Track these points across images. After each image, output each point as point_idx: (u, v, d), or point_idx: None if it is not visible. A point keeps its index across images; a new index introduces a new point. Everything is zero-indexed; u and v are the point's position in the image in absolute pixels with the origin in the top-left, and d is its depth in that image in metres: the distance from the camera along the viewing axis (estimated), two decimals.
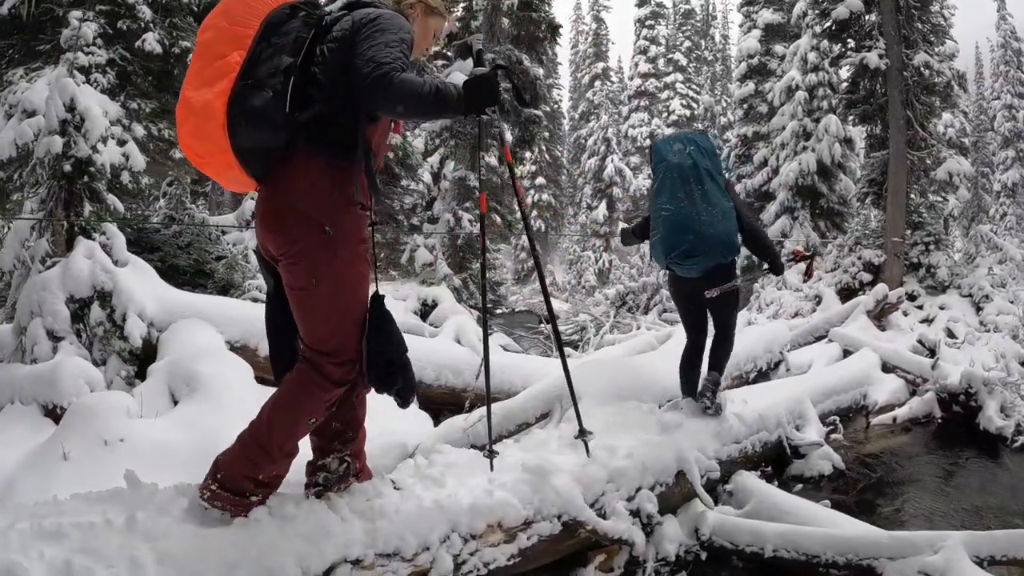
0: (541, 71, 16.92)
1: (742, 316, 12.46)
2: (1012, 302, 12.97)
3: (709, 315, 5.19)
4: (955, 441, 6.71)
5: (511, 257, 46.49)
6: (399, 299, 12.16)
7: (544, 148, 47.62)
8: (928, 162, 15.50)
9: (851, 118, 16.85)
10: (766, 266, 5.17)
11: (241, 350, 5.84)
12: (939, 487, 5.72)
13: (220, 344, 5.76)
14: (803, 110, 20.27)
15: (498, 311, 21.79)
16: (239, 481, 2.72)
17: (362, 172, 2.78)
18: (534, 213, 46.00)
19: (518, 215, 12.07)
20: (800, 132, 20.16)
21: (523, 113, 14.66)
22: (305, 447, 3.04)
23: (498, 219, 19.30)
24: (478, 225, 14.83)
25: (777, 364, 8.04)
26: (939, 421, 7.17)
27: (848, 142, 20.39)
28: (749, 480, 4.80)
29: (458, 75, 11.39)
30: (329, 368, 2.76)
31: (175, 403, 5.13)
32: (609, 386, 5.15)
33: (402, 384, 2.90)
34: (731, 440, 5.06)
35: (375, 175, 2.86)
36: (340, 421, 3.00)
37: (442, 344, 7.47)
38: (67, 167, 6.67)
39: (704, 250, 4.73)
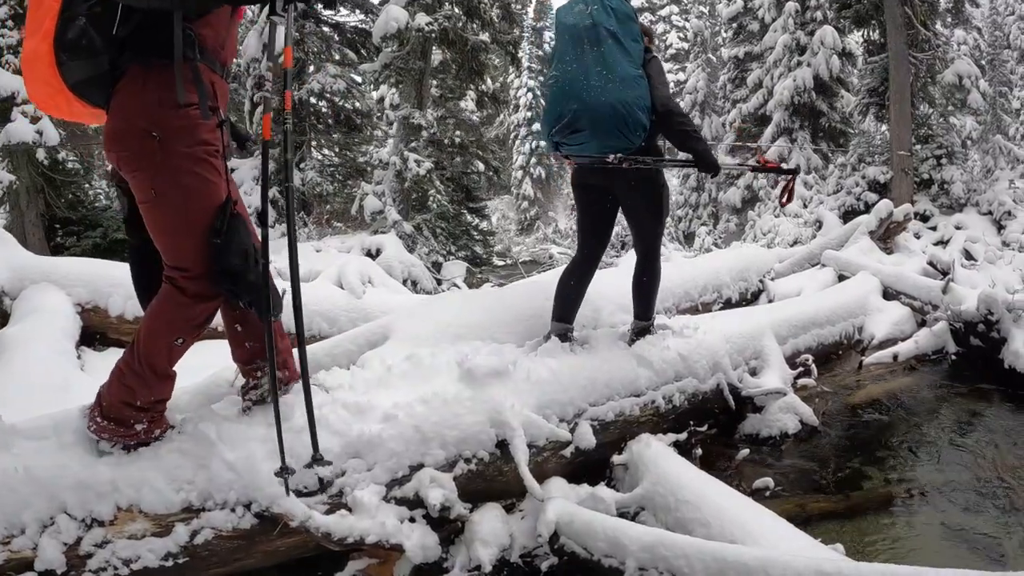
0: None
1: None
2: None
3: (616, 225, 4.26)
4: (974, 383, 5.41)
5: (513, 207, 45.56)
6: (343, 251, 11.41)
7: (538, 94, 46.47)
8: (934, 65, 14.06)
9: (845, 21, 15.44)
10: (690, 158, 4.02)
11: (92, 311, 5.78)
12: (952, 446, 4.39)
13: (63, 307, 5.68)
14: (795, 22, 18.95)
15: (496, 262, 20.67)
16: (119, 409, 2.73)
17: (186, 68, 2.62)
18: (532, 160, 44.97)
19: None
20: (793, 46, 18.89)
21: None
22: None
23: (481, 166, 18.45)
24: (423, 167, 14.91)
25: (756, 295, 6.85)
26: (953, 358, 5.86)
27: (848, 56, 19.08)
28: (647, 450, 3.60)
29: None
30: (183, 282, 2.73)
31: None
32: (442, 324, 3.95)
33: (250, 297, 2.74)
34: (624, 392, 3.85)
35: (216, 71, 2.77)
36: (254, 340, 2.98)
37: (319, 289, 6.65)
38: None
39: (592, 122, 3.76)
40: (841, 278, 7.20)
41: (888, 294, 6.67)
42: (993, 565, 3.15)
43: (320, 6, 2.92)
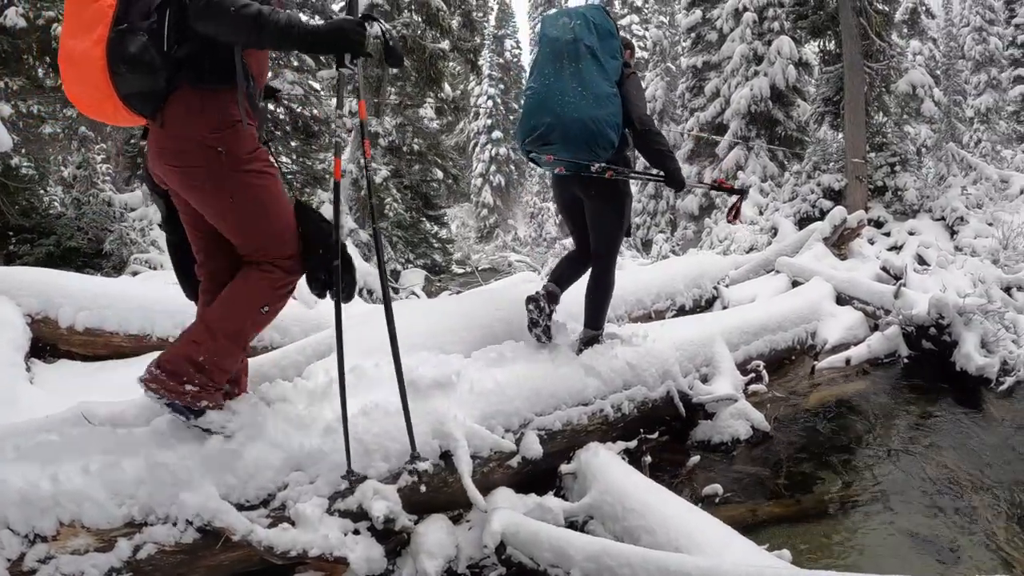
0: (443, 4, 16.22)
1: None
2: (991, 224, 11.67)
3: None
4: (926, 387, 5.44)
5: (473, 215, 45.46)
6: None
7: (500, 101, 46.51)
8: (888, 75, 14.24)
9: (802, 32, 15.58)
10: (661, 174, 4.20)
11: (43, 322, 5.43)
12: (904, 449, 4.40)
13: (12, 317, 5.32)
14: (752, 32, 19.11)
15: (455, 269, 20.61)
16: (177, 362, 2.79)
17: (244, 94, 2.82)
18: (492, 168, 44.94)
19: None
20: (751, 56, 19.04)
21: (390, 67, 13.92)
22: None
23: (439, 174, 18.31)
24: (380, 175, 14.79)
25: (711, 302, 6.74)
26: (905, 361, 5.90)
27: (805, 65, 19.26)
28: (595, 459, 3.56)
29: None
30: (274, 272, 2.91)
31: None
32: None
33: (347, 279, 2.99)
34: (572, 401, 3.82)
35: (256, 97, 2.96)
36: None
37: None
38: None
39: (562, 137, 3.88)
40: (795, 284, 7.21)
41: (841, 299, 6.69)
42: (946, 566, 3.16)
43: (385, 59, 3.05)
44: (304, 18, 2.91)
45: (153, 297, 5.30)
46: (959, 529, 3.45)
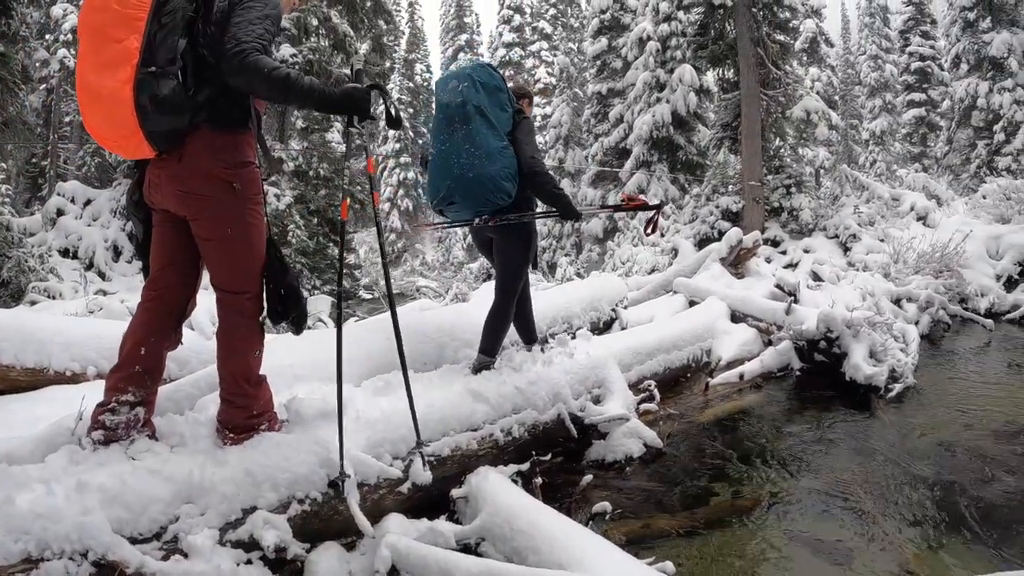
0: (350, 30, 16.24)
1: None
2: (882, 240, 12.09)
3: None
4: (818, 397, 5.61)
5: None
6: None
7: (408, 125, 46.44)
8: (784, 101, 14.75)
9: (702, 61, 16.05)
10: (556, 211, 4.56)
11: None
12: (797, 458, 4.50)
13: None
14: (655, 61, 19.57)
15: (363, 295, 20.33)
16: (245, 423, 3.21)
17: (254, 136, 3.14)
18: (400, 192, 44.74)
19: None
20: (654, 83, 19.46)
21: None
22: None
23: (349, 201, 18.01)
24: (283, 200, 14.45)
25: (608, 324, 6.72)
26: (798, 374, 6.06)
27: (705, 92, 19.76)
28: (485, 482, 3.55)
29: None
30: (244, 304, 3.18)
31: None
32: (282, 365, 3.88)
33: (297, 312, 3.27)
34: (460, 427, 3.84)
35: (264, 138, 3.23)
36: (144, 366, 3.15)
37: None
38: None
39: (463, 196, 4.27)
40: (692, 303, 7.35)
41: (736, 317, 6.86)
42: (839, 568, 3.21)
43: (387, 124, 3.32)
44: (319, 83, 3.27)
45: (51, 328, 4.98)
46: (852, 531, 3.52)
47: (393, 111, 3.26)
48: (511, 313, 4.51)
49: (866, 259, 11.32)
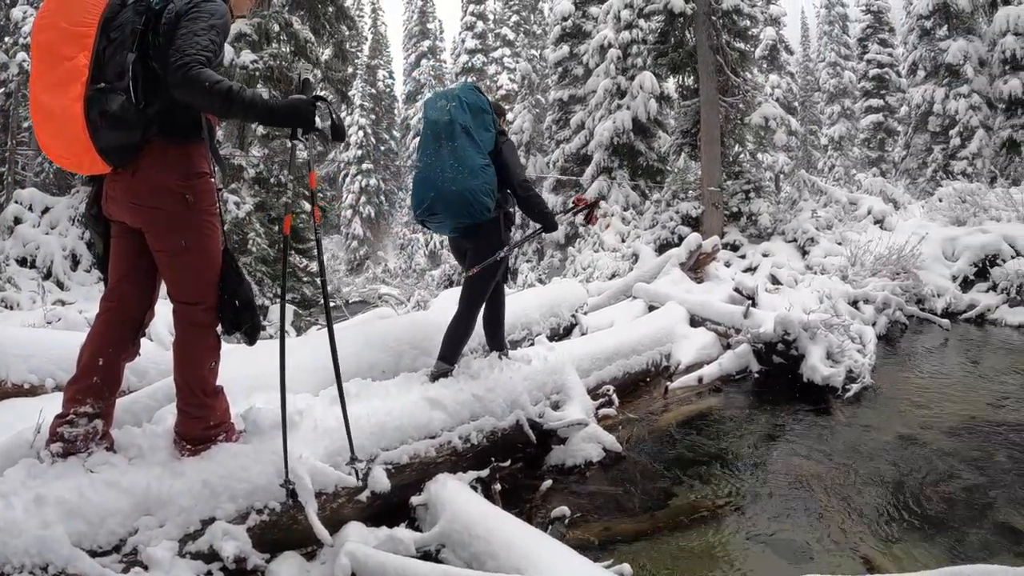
0: (312, 36, 16.28)
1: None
2: (840, 243, 12.25)
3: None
4: (776, 399, 5.70)
5: (343, 247, 44.87)
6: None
7: (370, 132, 46.24)
8: (743, 108, 14.94)
9: (663, 68, 16.20)
10: (539, 227, 4.87)
11: None
12: (756, 459, 4.57)
13: None
14: (617, 68, 19.70)
15: (324, 303, 20.00)
16: (202, 434, 3.20)
17: (207, 146, 3.15)
18: (363, 199, 44.50)
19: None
20: (614, 90, 19.57)
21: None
22: None
23: (307, 206, 17.90)
24: (243, 208, 14.35)
25: (568, 329, 6.74)
26: (757, 376, 6.16)
27: (666, 99, 19.90)
28: (443, 489, 3.62)
29: None
30: (199, 315, 3.18)
31: None
32: (239, 375, 3.87)
33: (251, 323, 3.26)
34: (418, 435, 3.87)
35: (217, 148, 3.26)
36: (101, 378, 3.13)
37: None
38: None
39: (445, 207, 4.48)
40: (652, 308, 7.41)
41: (695, 321, 6.92)
42: (799, 566, 3.25)
43: (331, 137, 3.28)
44: (265, 94, 3.24)
45: (9, 340, 4.89)
46: (811, 530, 3.57)
47: (337, 122, 3.24)
48: (473, 323, 4.62)
49: (824, 262, 11.43)
